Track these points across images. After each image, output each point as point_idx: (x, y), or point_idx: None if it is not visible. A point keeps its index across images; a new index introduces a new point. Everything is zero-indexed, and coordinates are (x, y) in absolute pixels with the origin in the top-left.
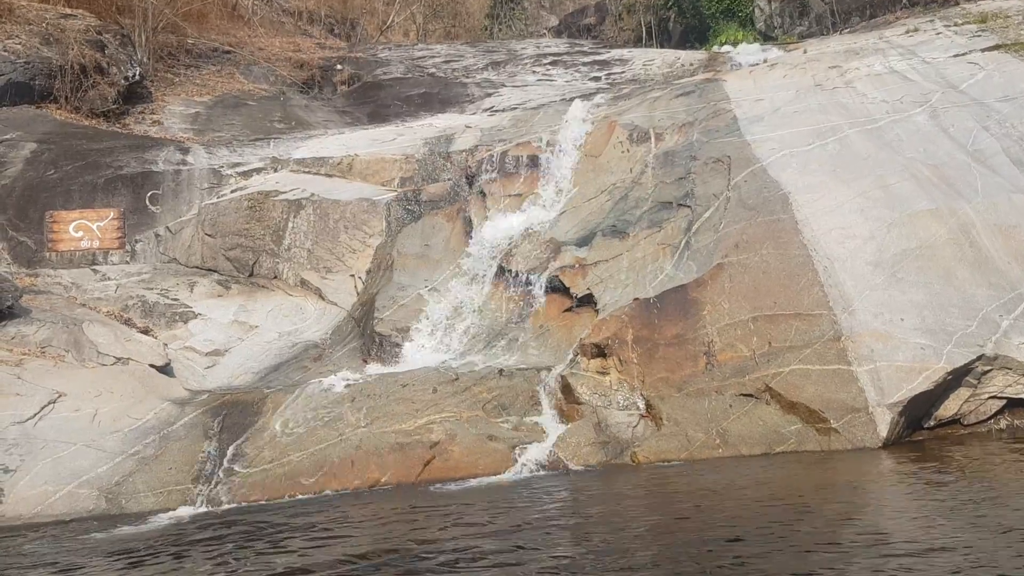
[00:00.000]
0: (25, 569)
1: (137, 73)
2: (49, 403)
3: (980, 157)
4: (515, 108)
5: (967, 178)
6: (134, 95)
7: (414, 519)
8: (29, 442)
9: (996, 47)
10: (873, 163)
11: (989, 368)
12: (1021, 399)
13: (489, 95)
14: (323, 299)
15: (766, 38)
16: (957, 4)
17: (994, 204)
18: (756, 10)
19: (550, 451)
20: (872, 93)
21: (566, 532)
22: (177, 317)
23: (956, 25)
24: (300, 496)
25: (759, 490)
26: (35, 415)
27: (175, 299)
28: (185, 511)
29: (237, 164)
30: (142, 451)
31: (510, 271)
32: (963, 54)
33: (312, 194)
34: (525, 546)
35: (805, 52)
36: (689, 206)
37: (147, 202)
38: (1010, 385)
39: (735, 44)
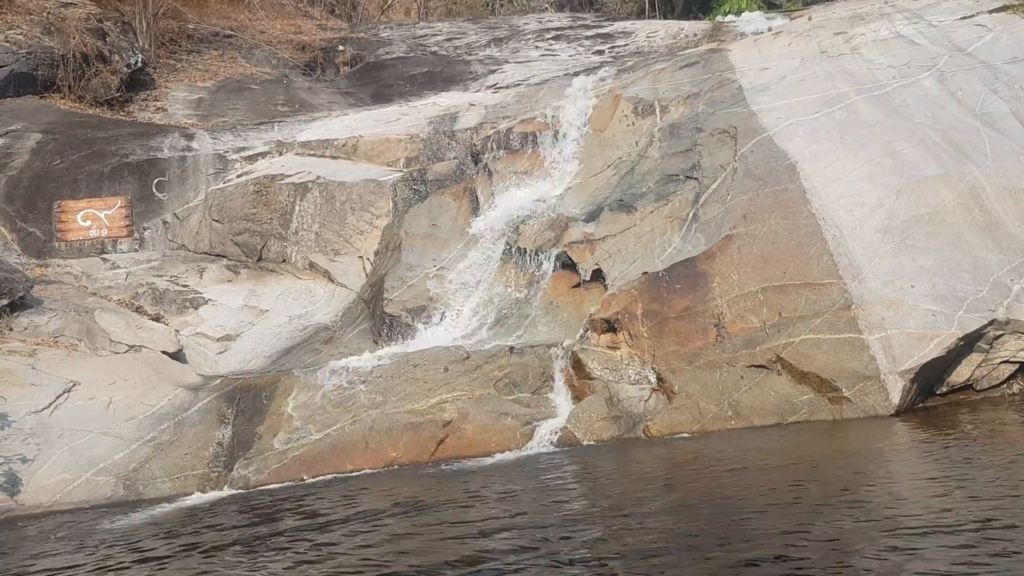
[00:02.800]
0: (48, 557)
1: (139, 60)
2: (64, 392)
3: (989, 120)
4: (519, 84)
5: (976, 142)
6: (137, 82)
7: (430, 499)
8: (46, 431)
9: (1003, 8)
10: (881, 129)
11: (1001, 333)
12: None
13: (492, 72)
14: (332, 281)
15: (770, 6)
16: None
17: (1004, 167)
18: None
19: (563, 427)
20: (878, 59)
21: (581, 509)
22: (187, 303)
23: None
24: (315, 478)
25: (773, 461)
26: (51, 404)
27: (185, 285)
28: (202, 496)
29: (242, 149)
30: (158, 437)
31: (518, 248)
32: (970, 16)
33: (318, 177)
34: (540, 524)
35: (810, 19)
36: (696, 178)
37: (154, 189)
38: (1023, 349)
39: (739, 13)
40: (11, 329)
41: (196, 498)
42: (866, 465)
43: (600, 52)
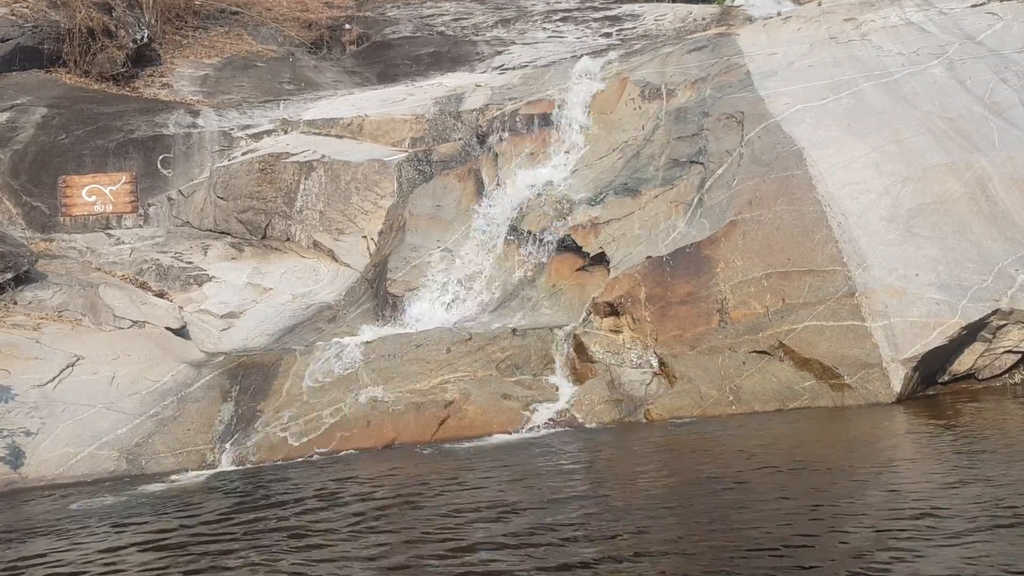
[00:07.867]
0: (50, 529)
1: (145, 35)
2: (68, 366)
3: (997, 109)
4: (525, 66)
5: (984, 131)
6: (143, 58)
7: (429, 480)
8: (49, 405)
9: None
10: (888, 117)
11: (1004, 322)
12: None
13: (499, 53)
14: (336, 260)
15: None
16: None
17: (1011, 157)
18: None
19: (564, 409)
20: (888, 46)
21: (579, 491)
22: (192, 280)
23: None
24: (316, 456)
25: (774, 447)
26: (54, 378)
27: (189, 262)
28: (204, 471)
29: (247, 126)
30: (161, 412)
31: (522, 230)
32: (981, 4)
33: (323, 155)
34: (538, 507)
35: (820, 4)
36: (702, 163)
37: (159, 166)
38: None
39: None
40: (15, 303)
41: (198, 473)
42: (866, 452)
43: (608, 35)
